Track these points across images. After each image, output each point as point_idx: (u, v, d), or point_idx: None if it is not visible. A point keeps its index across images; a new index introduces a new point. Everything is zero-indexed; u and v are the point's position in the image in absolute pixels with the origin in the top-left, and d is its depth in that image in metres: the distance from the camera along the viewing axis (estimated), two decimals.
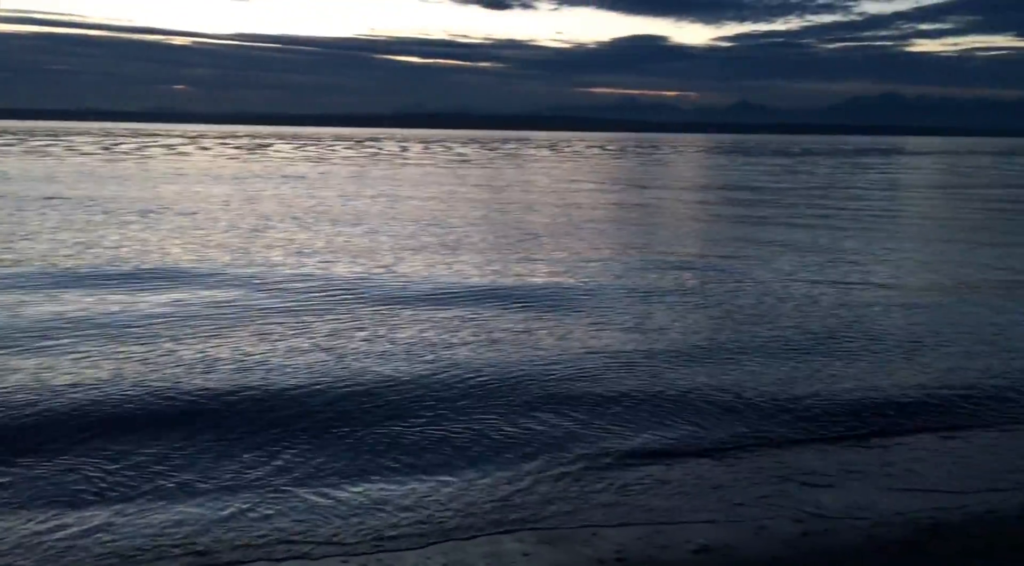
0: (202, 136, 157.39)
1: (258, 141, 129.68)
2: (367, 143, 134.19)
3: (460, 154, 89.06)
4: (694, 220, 28.67)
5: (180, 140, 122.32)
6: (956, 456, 7.96)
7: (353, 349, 10.74)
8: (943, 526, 6.47)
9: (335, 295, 14.18)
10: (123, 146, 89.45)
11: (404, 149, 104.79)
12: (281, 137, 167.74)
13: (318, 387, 9.24)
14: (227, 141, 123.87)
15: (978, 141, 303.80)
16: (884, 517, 6.66)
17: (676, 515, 6.67)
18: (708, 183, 50.18)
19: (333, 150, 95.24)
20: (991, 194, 43.27)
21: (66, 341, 10.79)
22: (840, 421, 8.73)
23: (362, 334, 11.54)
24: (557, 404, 8.96)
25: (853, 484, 7.30)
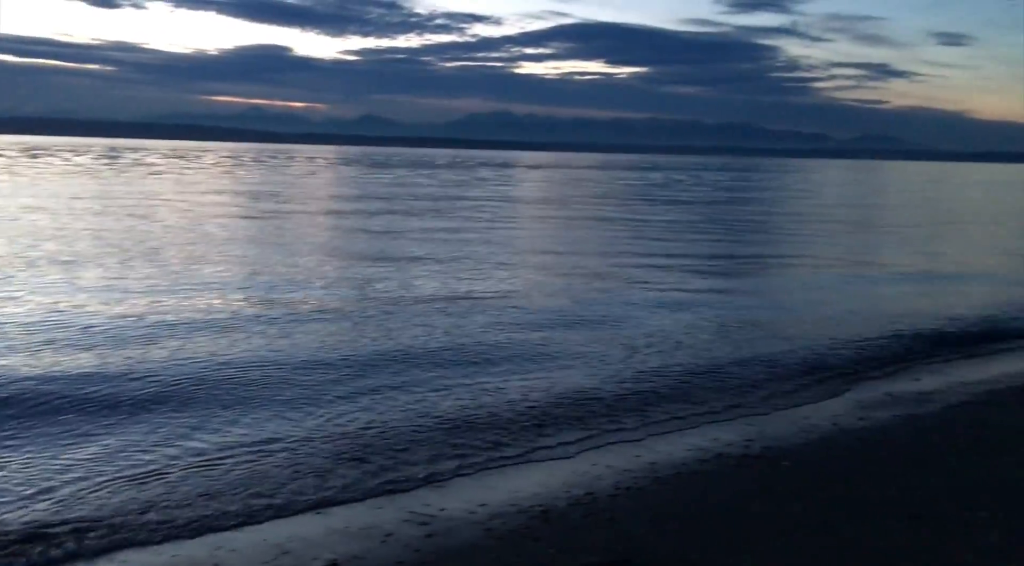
0: None
1: None
2: None
3: (78, 164, 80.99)
4: (320, 233, 28.66)
5: None
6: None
7: None
8: (551, 512, 7.07)
9: None
10: None
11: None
12: None
13: None
14: None
15: (577, 156, 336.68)
16: (499, 508, 7.15)
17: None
18: (344, 194, 50.43)
19: None
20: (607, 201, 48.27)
21: None
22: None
23: None
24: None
25: (466, 481, 7.79)
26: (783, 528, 6.61)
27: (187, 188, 50.33)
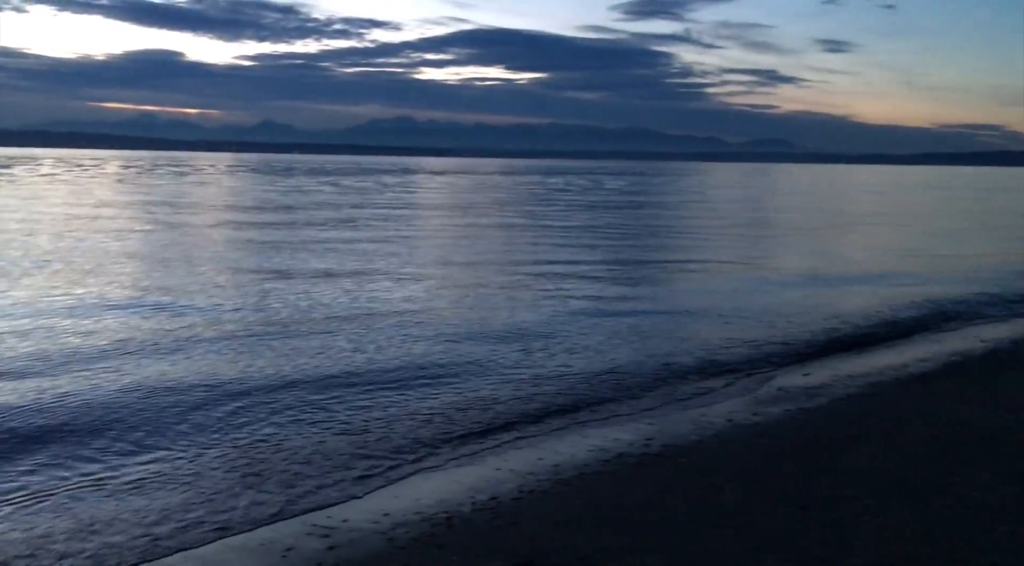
0: None
1: None
2: None
3: None
4: (217, 245, 28.00)
5: None
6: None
7: None
8: (456, 518, 7.08)
9: None
10: None
11: None
12: None
13: None
14: None
15: (480, 161, 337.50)
16: (403, 517, 7.12)
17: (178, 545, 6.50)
18: (244, 204, 49.32)
19: None
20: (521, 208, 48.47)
21: None
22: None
23: None
24: None
25: (369, 492, 7.73)
26: (683, 524, 6.77)
27: (81, 199, 48.42)
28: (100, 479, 7.78)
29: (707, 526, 6.71)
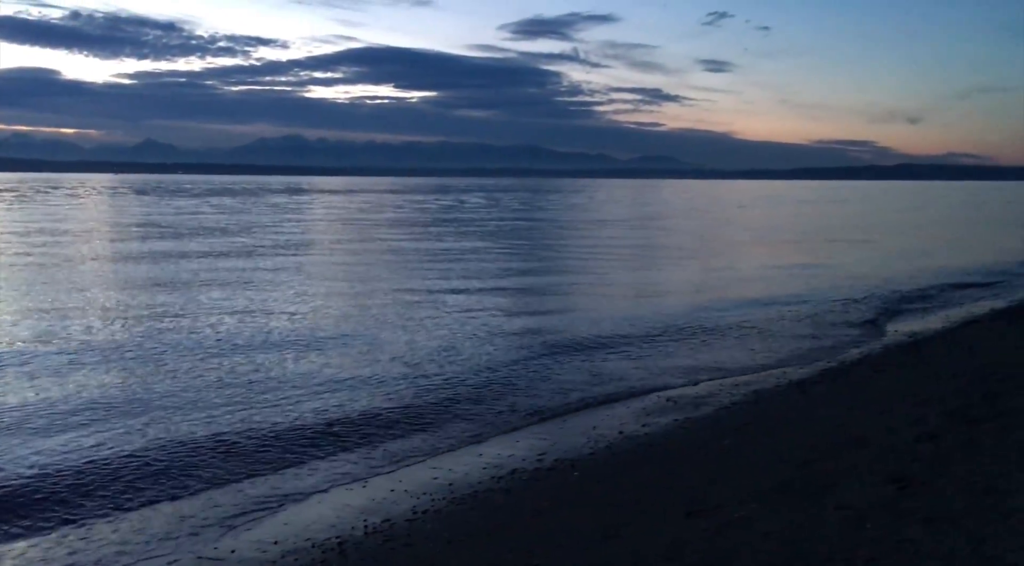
0: None
1: None
2: None
3: None
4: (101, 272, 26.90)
5: None
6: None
7: None
8: (347, 543, 6.97)
9: None
10: None
11: None
12: None
13: None
14: None
15: (371, 180, 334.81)
16: (293, 545, 6.97)
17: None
18: (123, 227, 47.53)
19: None
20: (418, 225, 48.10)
21: None
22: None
23: None
24: None
25: (257, 519, 7.54)
26: (575, 536, 6.84)
27: None
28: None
29: (599, 537, 6.79)
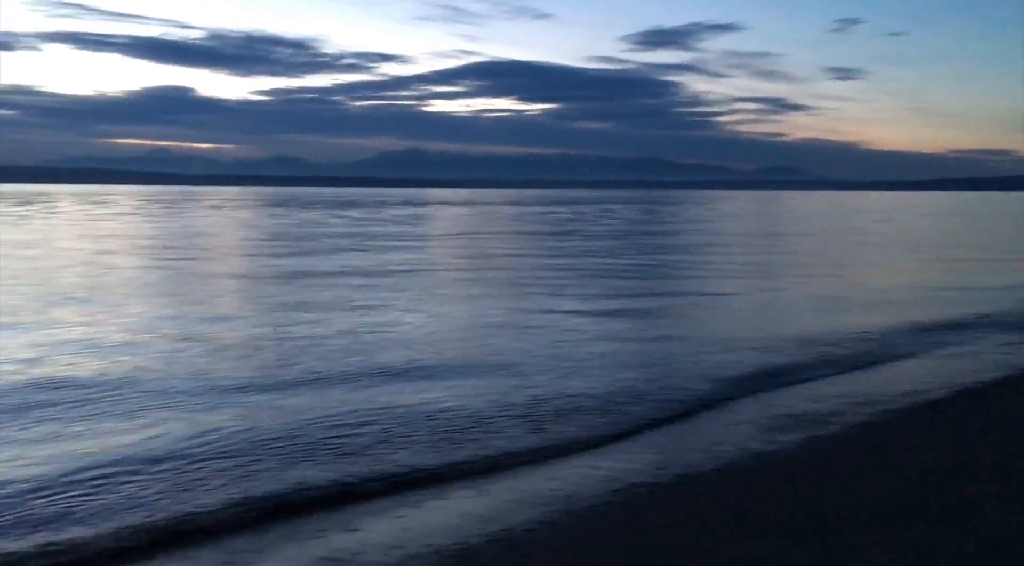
0: None
1: None
2: None
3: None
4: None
5: None
6: None
7: None
8: (467, 552, 7.06)
9: None
10: None
11: None
12: None
13: None
14: None
15: (490, 192, 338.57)
16: (415, 549, 7.12)
17: None
18: (272, 238, 49.56)
19: None
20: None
21: None
22: None
23: None
24: None
25: (379, 519, 7.73)
26: (699, 556, 6.74)
27: (108, 234, 48.77)
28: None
29: (721, 560, 6.67)
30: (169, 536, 7.29)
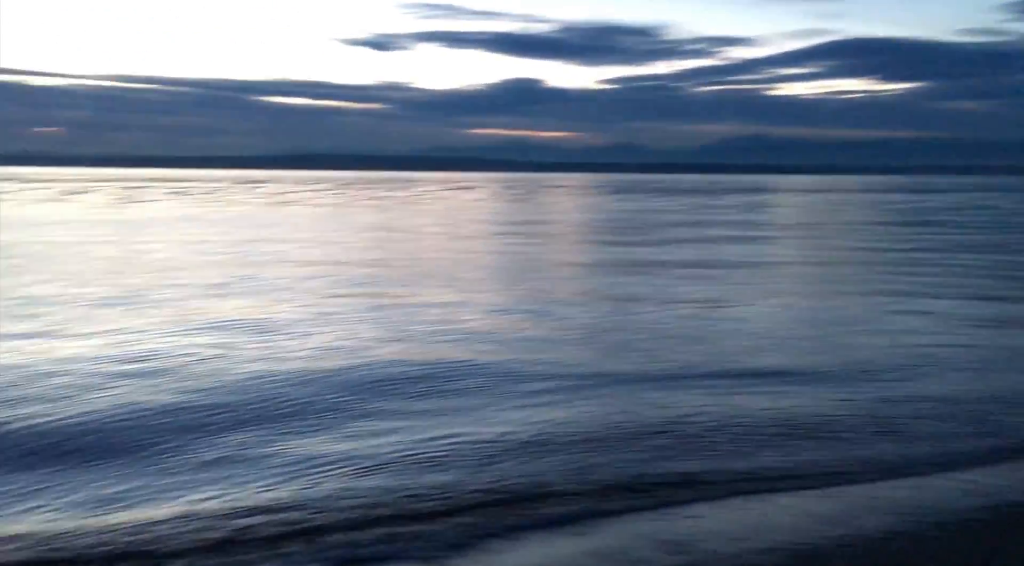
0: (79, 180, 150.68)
1: (177, 186, 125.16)
2: (266, 186, 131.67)
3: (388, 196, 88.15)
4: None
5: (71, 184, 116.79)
6: None
7: None
8: (815, 550, 6.78)
9: None
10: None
11: (321, 192, 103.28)
12: (177, 180, 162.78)
13: None
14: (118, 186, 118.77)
15: (840, 179, 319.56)
16: (759, 545, 6.95)
17: None
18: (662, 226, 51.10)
19: (304, 194, 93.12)
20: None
21: None
22: None
23: None
24: None
25: (712, 508, 7.64)
26: None
27: (499, 216, 53.07)
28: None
29: None
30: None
